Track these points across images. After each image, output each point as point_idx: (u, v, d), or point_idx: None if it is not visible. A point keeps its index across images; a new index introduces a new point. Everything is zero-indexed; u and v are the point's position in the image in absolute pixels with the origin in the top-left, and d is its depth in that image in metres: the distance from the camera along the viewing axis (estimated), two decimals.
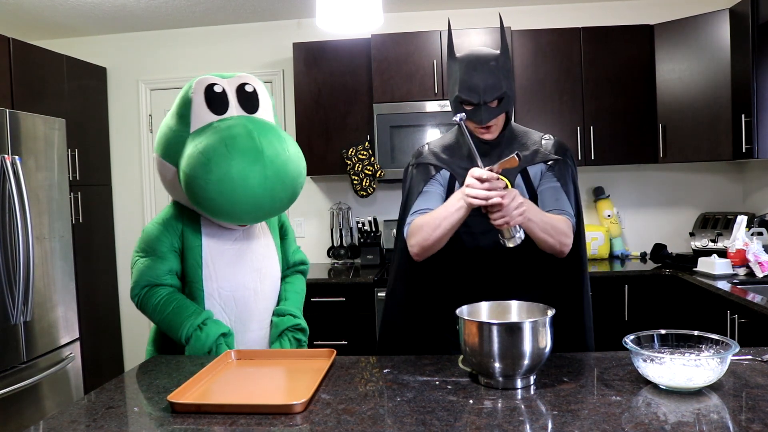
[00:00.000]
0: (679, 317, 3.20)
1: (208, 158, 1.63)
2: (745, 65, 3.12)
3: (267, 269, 1.90)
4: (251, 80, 1.86)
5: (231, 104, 1.78)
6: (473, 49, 1.66)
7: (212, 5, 3.76)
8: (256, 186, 1.64)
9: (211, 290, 1.80)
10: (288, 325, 1.91)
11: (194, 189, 1.65)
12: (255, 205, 1.68)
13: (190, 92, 1.78)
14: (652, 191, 3.94)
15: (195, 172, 1.64)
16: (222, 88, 1.78)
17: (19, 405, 2.69)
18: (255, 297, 1.86)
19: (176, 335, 1.73)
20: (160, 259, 1.78)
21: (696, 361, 1.22)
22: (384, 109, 3.59)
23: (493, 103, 1.61)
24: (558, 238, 1.54)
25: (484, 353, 1.26)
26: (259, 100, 1.83)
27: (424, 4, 3.89)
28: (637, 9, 3.87)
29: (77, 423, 1.18)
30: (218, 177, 1.61)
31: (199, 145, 1.66)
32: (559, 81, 3.58)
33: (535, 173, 1.68)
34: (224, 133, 1.66)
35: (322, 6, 1.98)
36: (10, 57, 3.24)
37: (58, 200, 3.04)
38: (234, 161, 1.62)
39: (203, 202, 1.66)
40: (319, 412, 1.18)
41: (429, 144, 1.81)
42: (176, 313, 1.73)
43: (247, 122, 1.71)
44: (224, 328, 1.75)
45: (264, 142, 1.67)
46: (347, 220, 4.06)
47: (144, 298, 1.78)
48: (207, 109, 1.75)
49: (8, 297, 2.67)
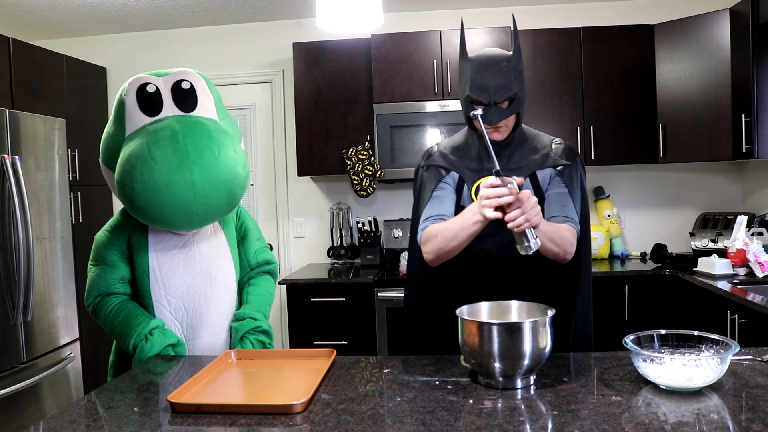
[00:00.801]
0: (679, 317, 3.20)
1: (132, 165, 1.56)
2: (745, 65, 3.12)
3: (218, 272, 1.82)
4: (189, 76, 1.74)
5: (165, 104, 1.68)
6: (486, 49, 1.65)
7: (212, 5, 3.76)
8: (183, 192, 1.56)
9: (159, 297, 1.74)
10: (248, 329, 1.80)
11: (123, 197, 1.60)
12: (186, 211, 1.59)
13: (123, 94, 1.69)
14: (652, 191, 3.94)
15: (122, 179, 1.58)
16: (155, 87, 1.69)
17: (19, 405, 2.69)
18: (206, 302, 1.78)
19: (125, 345, 1.69)
20: (110, 268, 1.75)
21: (696, 361, 1.22)
22: (384, 109, 3.59)
23: (504, 104, 1.60)
24: (563, 246, 1.54)
25: (484, 353, 1.26)
26: (197, 98, 1.72)
27: (424, 4, 3.89)
28: (637, 9, 3.87)
29: (77, 423, 1.18)
30: (142, 184, 1.55)
31: (126, 151, 1.60)
32: (559, 81, 3.58)
33: (543, 177, 1.68)
34: (149, 138, 1.59)
35: (322, 6, 1.97)
36: (10, 57, 3.24)
37: (58, 200, 3.04)
38: (157, 167, 1.54)
39: (134, 211, 1.61)
40: (319, 412, 1.18)
41: (438, 144, 1.79)
42: (125, 323, 1.69)
43: (175, 124, 1.62)
44: (172, 338, 1.70)
45: (190, 144, 1.58)
46: (347, 220, 4.06)
47: (96, 307, 1.75)
48: (140, 111, 1.67)
49: (8, 297, 2.67)
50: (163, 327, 1.73)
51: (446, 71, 3.58)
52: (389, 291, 3.36)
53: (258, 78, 4.14)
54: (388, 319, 3.36)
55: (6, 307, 2.66)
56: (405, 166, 3.60)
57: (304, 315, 3.40)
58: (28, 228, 2.72)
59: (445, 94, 3.58)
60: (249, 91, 4.18)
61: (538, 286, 1.70)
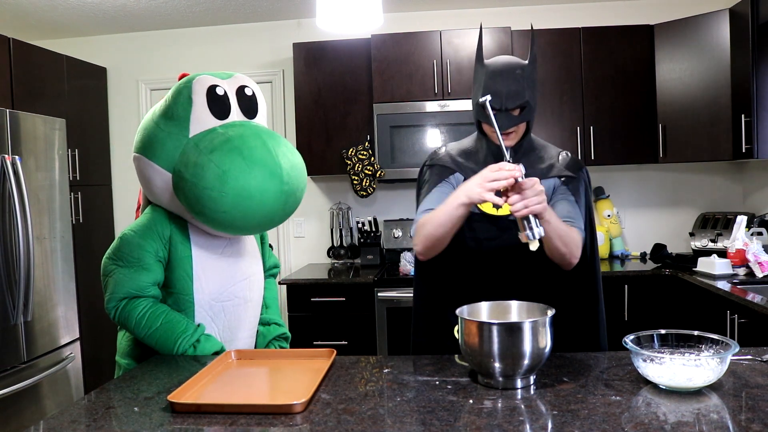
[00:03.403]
0: (679, 317, 3.20)
1: (224, 170, 1.54)
2: (745, 65, 3.12)
3: (255, 276, 1.85)
4: (249, 82, 1.78)
5: (233, 108, 1.70)
6: (502, 56, 1.66)
7: (212, 5, 3.76)
8: (272, 200, 1.59)
9: (201, 302, 1.71)
10: (275, 335, 1.90)
11: (204, 200, 1.56)
12: (268, 218, 1.63)
13: (189, 92, 1.66)
14: (652, 191, 3.94)
15: (207, 183, 1.54)
16: (224, 90, 1.69)
17: (19, 405, 2.69)
18: (245, 306, 1.80)
19: (168, 352, 1.65)
20: (144, 270, 1.65)
21: (696, 361, 1.22)
22: (384, 109, 3.59)
23: (515, 111, 1.60)
24: (570, 248, 1.52)
25: (484, 353, 1.26)
26: (258, 105, 1.76)
27: (424, 4, 3.89)
28: (637, 9, 3.87)
29: (77, 423, 1.18)
30: (235, 190, 1.54)
31: (211, 154, 1.56)
32: (559, 81, 3.58)
33: (548, 187, 1.67)
34: (239, 143, 1.57)
35: (322, 6, 1.97)
36: (10, 57, 3.24)
37: (58, 200, 3.04)
38: (253, 174, 1.55)
39: (212, 214, 1.58)
40: (319, 412, 1.18)
41: (447, 146, 1.79)
42: (166, 329, 1.63)
43: (258, 131, 1.63)
44: (217, 345, 1.68)
45: (279, 153, 1.60)
46: (347, 220, 4.06)
47: (123, 311, 1.65)
48: (209, 113, 1.65)
49: (8, 297, 2.67)
50: (206, 333, 1.71)
51: (446, 71, 3.58)
52: (389, 291, 3.36)
53: (258, 78, 4.14)
54: (388, 319, 3.36)
55: (6, 307, 2.66)
56: (405, 166, 3.60)
57: (304, 315, 3.40)
58: (28, 228, 2.72)
59: (445, 94, 3.58)
60: None
61: (541, 290, 1.69)
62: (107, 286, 1.70)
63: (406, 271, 3.45)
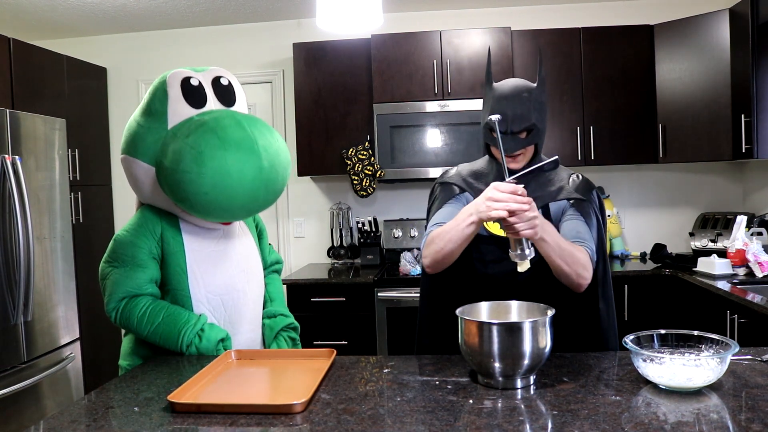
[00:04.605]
0: (679, 317, 3.20)
1: (200, 151, 1.54)
2: (745, 65, 3.12)
3: (252, 269, 1.84)
4: (224, 73, 1.78)
5: (209, 98, 1.70)
6: (511, 79, 1.66)
7: (212, 5, 3.76)
8: (252, 178, 1.58)
9: (198, 296, 1.70)
10: (282, 326, 1.88)
11: (184, 184, 1.55)
12: (251, 197, 1.61)
13: (165, 86, 1.68)
14: (652, 191, 3.94)
15: (185, 167, 1.55)
16: (198, 81, 1.70)
17: (19, 405, 2.69)
18: (244, 298, 1.79)
19: (173, 346, 1.65)
20: (140, 268, 1.65)
21: (696, 361, 1.22)
22: (384, 109, 3.59)
23: (522, 134, 1.60)
24: (574, 267, 1.48)
25: (484, 353, 1.26)
26: (235, 94, 1.77)
27: (424, 4, 3.89)
28: (637, 9, 3.87)
29: (77, 423, 1.18)
30: (213, 169, 1.54)
31: (187, 138, 1.57)
32: (559, 81, 3.58)
33: (557, 210, 1.67)
34: (213, 124, 1.58)
35: (322, 6, 1.98)
36: (10, 57, 3.24)
37: (58, 200, 3.04)
38: (229, 152, 1.54)
39: (194, 198, 1.57)
40: (319, 412, 1.19)
41: (459, 167, 1.81)
42: (169, 323, 1.63)
43: (234, 113, 1.65)
44: (222, 332, 1.68)
45: (256, 132, 1.61)
46: (347, 220, 4.06)
47: (123, 311, 1.65)
48: (185, 103, 1.66)
49: (8, 297, 2.67)
50: (208, 321, 1.70)
51: (446, 71, 3.58)
52: (389, 291, 3.36)
53: (258, 78, 4.15)
54: (388, 319, 3.36)
55: (6, 307, 2.66)
56: (405, 166, 3.60)
57: (304, 315, 3.39)
58: (28, 228, 2.72)
59: (445, 94, 3.58)
60: (249, 91, 4.17)
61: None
62: (105, 288, 1.70)
63: (406, 271, 3.45)
